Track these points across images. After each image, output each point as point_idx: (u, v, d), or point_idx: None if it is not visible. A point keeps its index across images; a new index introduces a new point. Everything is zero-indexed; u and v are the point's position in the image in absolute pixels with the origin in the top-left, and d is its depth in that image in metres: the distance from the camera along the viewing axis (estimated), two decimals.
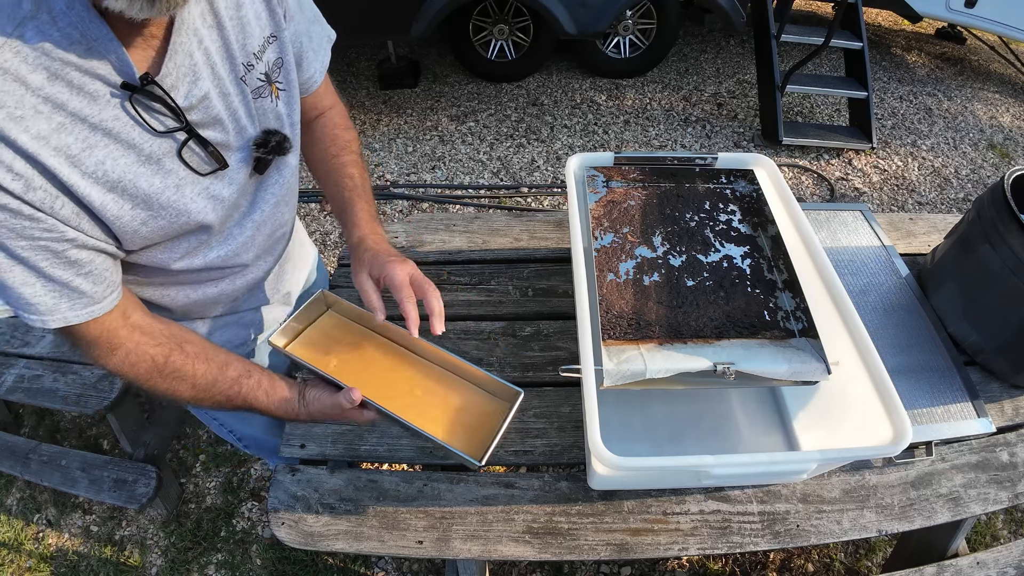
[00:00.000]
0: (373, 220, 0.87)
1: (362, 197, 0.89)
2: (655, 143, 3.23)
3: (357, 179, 0.90)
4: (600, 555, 0.88)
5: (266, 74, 0.72)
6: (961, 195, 2.96)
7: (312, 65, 0.84)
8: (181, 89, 0.62)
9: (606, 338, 0.85)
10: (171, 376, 0.72)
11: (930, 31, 4.50)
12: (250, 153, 0.74)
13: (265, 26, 0.71)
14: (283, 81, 0.76)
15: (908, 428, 0.72)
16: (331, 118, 0.95)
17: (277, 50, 0.73)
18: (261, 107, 0.73)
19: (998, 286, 1.01)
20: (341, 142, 0.93)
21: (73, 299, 0.62)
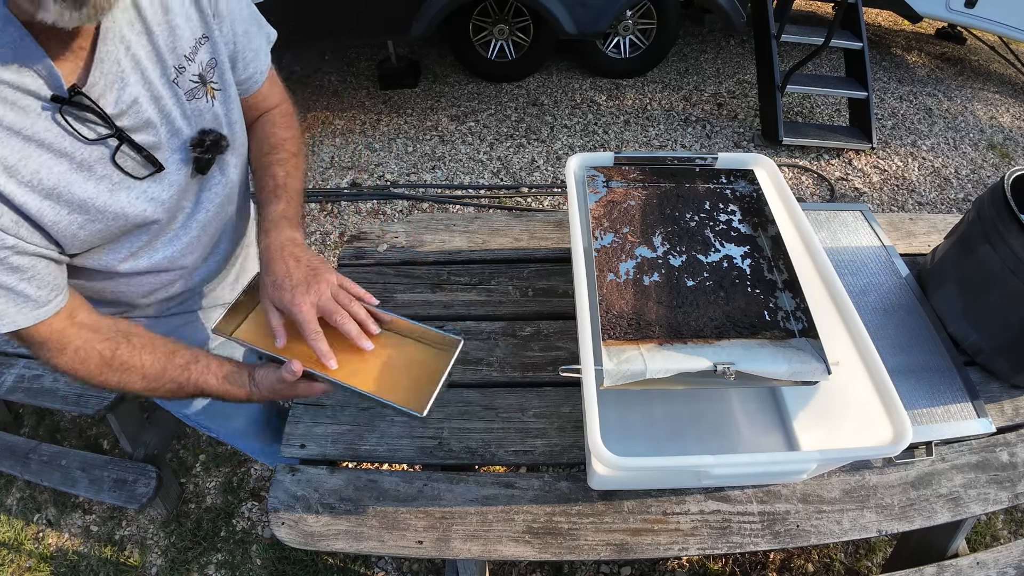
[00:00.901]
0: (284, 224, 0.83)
1: (280, 198, 0.85)
2: (655, 143, 3.23)
3: (280, 178, 0.87)
4: (600, 555, 0.88)
5: (200, 75, 0.73)
6: (961, 195, 2.96)
7: (250, 66, 0.84)
8: (110, 96, 0.64)
9: (606, 338, 0.85)
10: (120, 369, 0.74)
11: (930, 31, 4.50)
12: (188, 154, 0.75)
13: (196, 28, 0.72)
14: (218, 81, 0.77)
15: (908, 428, 0.72)
16: (270, 117, 0.93)
17: (209, 51, 0.74)
18: (196, 108, 0.74)
19: (998, 286, 1.01)
20: (274, 140, 0.91)
21: (19, 304, 0.64)
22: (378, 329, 0.80)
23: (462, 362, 1.11)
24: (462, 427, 1.02)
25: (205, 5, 0.72)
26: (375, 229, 1.41)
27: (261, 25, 0.85)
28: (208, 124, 0.77)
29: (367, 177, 3.04)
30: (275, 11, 2.97)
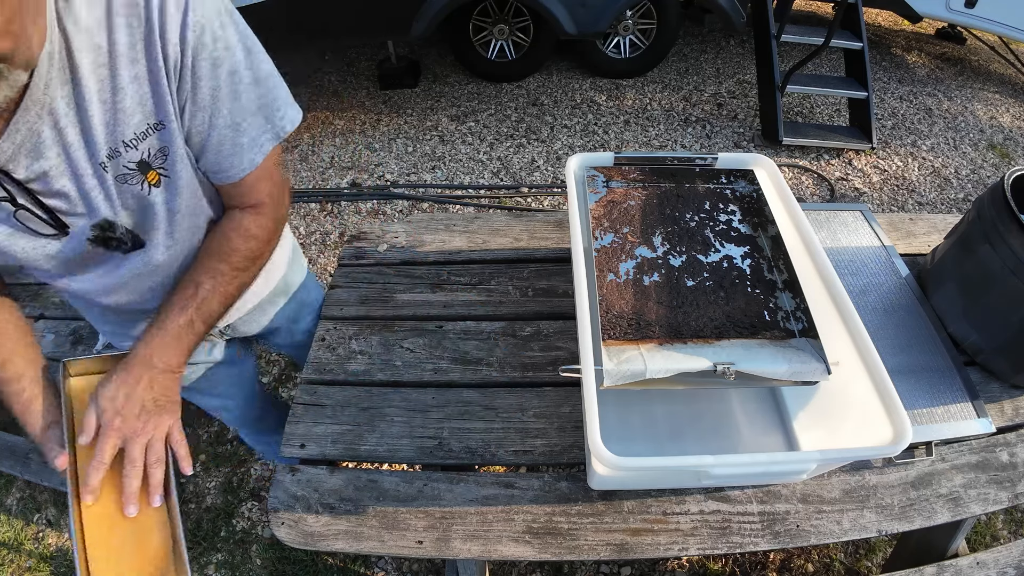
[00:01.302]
0: (172, 345, 0.79)
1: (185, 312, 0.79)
2: (655, 143, 3.23)
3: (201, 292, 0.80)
4: (600, 555, 0.88)
5: (141, 161, 0.70)
6: (961, 195, 2.96)
7: (227, 160, 0.76)
8: (21, 162, 0.63)
9: (606, 338, 0.85)
10: None
11: (930, 31, 4.50)
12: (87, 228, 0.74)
13: (149, 114, 0.68)
14: (168, 169, 0.73)
15: (908, 428, 0.72)
16: (237, 220, 0.83)
17: (162, 139, 0.70)
18: (127, 191, 0.72)
19: (998, 286, 1.01)
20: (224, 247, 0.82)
21: None
22: (159, 503, 0.76)
23: (462, 362, 1.12)
24: (462, 427, 1.02)
25: (170, 90, 0.67)
26: (375, 229, 1.41)
27: (269, 118, 0.76)
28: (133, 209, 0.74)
29: (367, 177, 3.04)
30: (276, 11, 2.99)
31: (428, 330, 1.17)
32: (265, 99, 0.75)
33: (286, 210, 0.88)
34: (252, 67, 0.72)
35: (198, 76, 0.67)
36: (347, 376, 1.10)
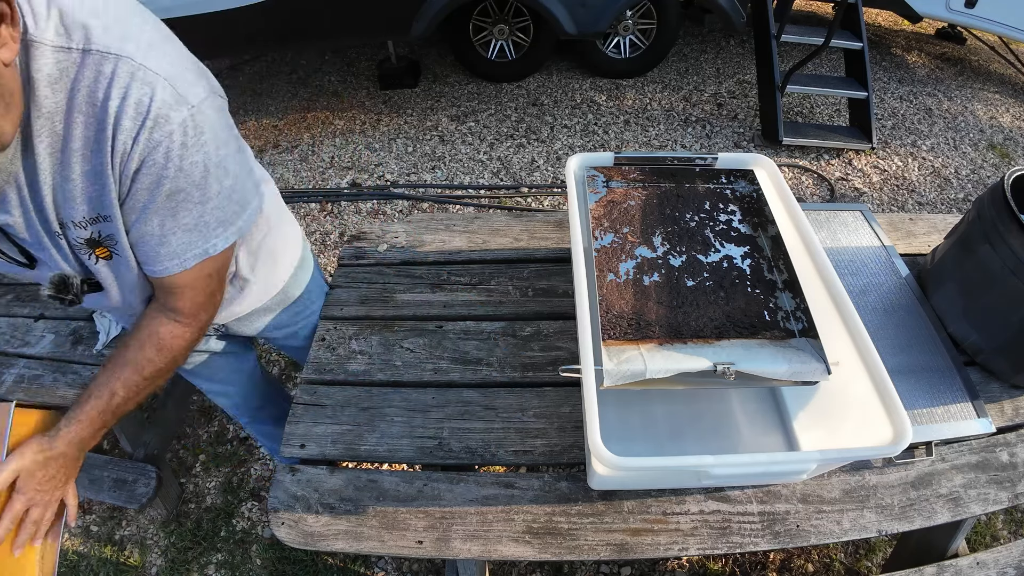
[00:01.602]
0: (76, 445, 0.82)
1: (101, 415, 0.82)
2: (655, 143, 3.23)
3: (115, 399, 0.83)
4: (600, 555, 0.88)
5: (91, 239, 0.73)
6: (961, 195, 2.96)
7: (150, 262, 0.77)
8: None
9: (606, 338, 0.85)
10: None
11: (930, 31, 4.50)
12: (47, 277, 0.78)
13: (95, 206, 0.69)
14: (115, 249, 0.75)
15: (908, 428, 0.72)
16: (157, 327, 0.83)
17: (108, 228, 0.72)
18: (78, 258, 0.77)
19: (998, 286, 1.01)
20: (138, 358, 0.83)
21: None
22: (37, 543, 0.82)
23: (462, 362, 1.12)
24: (462, 427, 1.02)
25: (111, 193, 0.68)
26: (375, 229, 1.41)
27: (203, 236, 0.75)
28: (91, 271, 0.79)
29: (367, 177, 3.04)
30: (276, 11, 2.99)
31: (428, 330, 1.17)
32: (205, 219, 0.74)
33: (210, 317, 0.88)
34: (203, 187, 0.71)
35: (136, 186, 0.68)
36: (347, 376, 1.10)
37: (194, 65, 0.72)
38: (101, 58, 0.61)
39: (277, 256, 1.07)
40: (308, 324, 1.22)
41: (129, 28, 0.64)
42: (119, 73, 0.62)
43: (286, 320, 1.17)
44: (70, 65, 0.61)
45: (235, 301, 1.04)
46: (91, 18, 0.62)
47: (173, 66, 0.66)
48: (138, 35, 0.64)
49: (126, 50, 0.62)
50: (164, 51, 0.66)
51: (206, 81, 0.72)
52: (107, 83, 0.62)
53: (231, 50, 3.59)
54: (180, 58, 0.69)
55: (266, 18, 2.95)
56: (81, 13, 0.61)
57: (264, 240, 1.01)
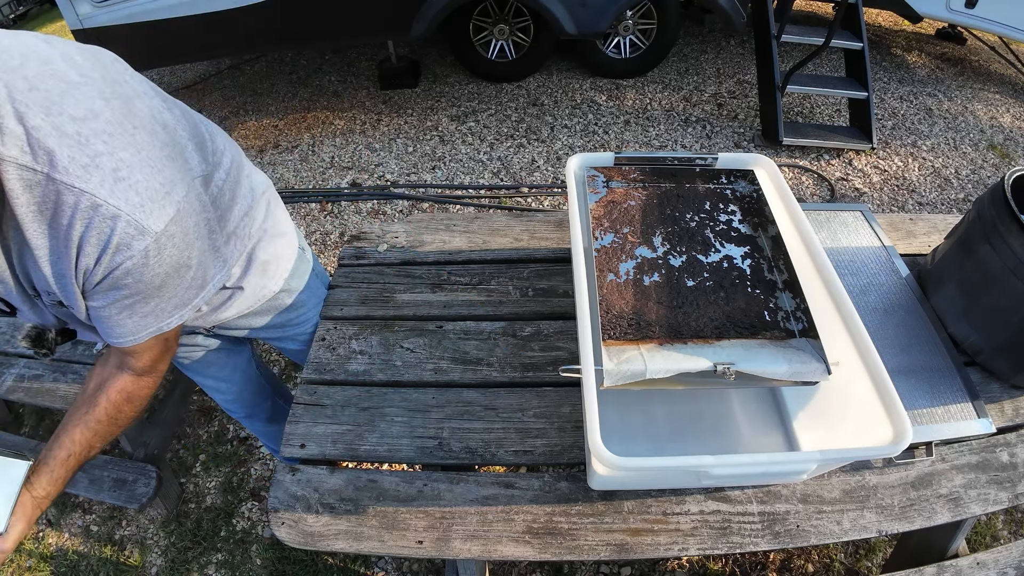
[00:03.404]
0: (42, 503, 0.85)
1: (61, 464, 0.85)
2: (655, 143, 3.23)
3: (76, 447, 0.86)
4: (600, 555, 0.88)
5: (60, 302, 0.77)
6: (961, 195, 2.96)
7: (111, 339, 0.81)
8: None
9: (606, 338, 0.85)
10: None
11: (930, 31, 4.50)
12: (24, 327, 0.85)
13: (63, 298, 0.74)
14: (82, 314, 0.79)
15: (908, 428, 0.72)
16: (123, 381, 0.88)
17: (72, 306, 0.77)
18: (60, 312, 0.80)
19: (998, 286, 1.01)
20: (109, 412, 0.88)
21: None
22: None
23: (462, 362, 1.12)
24: (462, 427, 1.02)
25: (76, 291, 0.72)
26: (375, 229, 1.41)
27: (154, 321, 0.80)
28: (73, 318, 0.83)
29: (367, 177, 3.05)
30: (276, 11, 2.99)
31: (428, 330, 1.17)
32: (161, 306, 0.78)
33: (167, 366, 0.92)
34: (161, 288, 0.75)
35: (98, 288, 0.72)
36: (347, 376, 1.10)
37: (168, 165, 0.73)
38: (65, 189, 0.63)
39: (268, 265, 1.06)
40: (303, 331, 1.21)
41: (97, 153, 0.65)
42: (81, 207, 0.64)
43: (278, 323, 1.17)
44: (35, 184, 0.63)
45: (223, 308, 1.04)
46: (57, 142, 0.62)
47: (139, 195, 0.67)
48: (106, 160, 0.65)
49: (90, 185, 0.64)
50: (131, 180, 0.67)
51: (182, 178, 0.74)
52: (70, 213, 0.64)
53: (231, 50, 3.59)
54: (149, 176, 0.69)
55: (266, 18, 2.95)
56: (48, 136, 0.62)
57: (256, 249, 1.01)
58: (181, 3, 2.84)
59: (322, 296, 1.25)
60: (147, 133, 0.71)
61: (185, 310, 0.82)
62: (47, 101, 0.63)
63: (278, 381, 1.55)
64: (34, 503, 0.83)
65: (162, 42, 3.02)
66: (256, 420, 1.46)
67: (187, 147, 0.79)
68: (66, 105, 0.64)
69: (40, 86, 0.63)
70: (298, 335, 1.21)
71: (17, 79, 0.62)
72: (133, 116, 0.71)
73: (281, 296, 1.12)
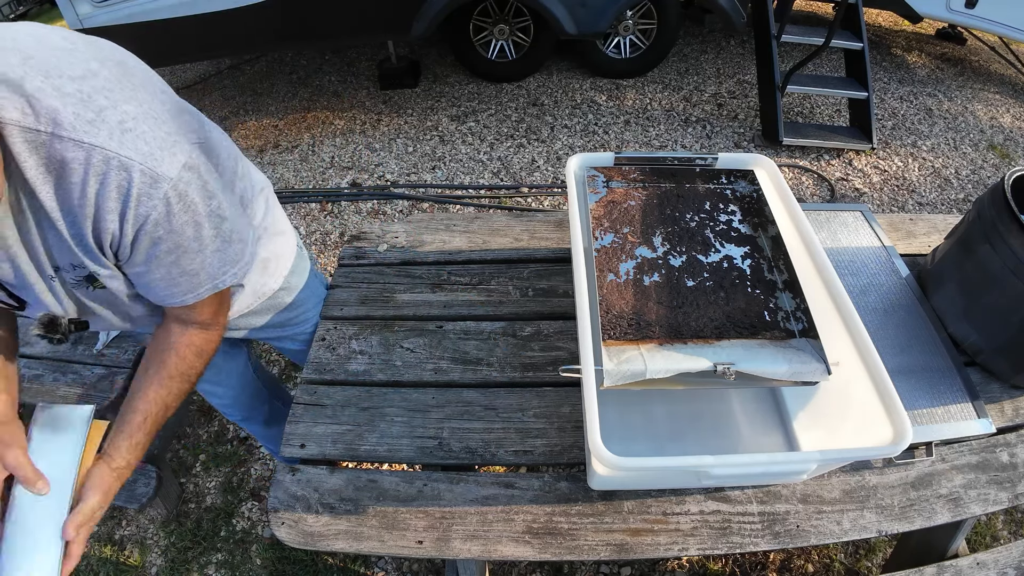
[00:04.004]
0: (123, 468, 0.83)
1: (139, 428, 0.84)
2: (655, 143, 3.23)
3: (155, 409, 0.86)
4: (600, 555, 0.88)
5: (89, 275, 0.75)
6: (961, 196, 2.96)
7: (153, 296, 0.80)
8: None
9: (606, 338, 0.85)
10: None
11: (930, 32, 4.50)
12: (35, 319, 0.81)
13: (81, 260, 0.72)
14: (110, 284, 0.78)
15: (908, 428, 0.72)
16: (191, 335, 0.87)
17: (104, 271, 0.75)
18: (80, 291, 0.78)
19: (998, 286, 1.01)
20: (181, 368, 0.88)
21: None
22: None
23: (462, 362, 1.12)
24: (462, 427, 1.02)
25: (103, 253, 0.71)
26: (375, 229, 1.41)
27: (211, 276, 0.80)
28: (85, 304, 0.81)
29: (367, 177, 3.04)
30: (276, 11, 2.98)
31: (428, 330, 1.17)
32: (208, 261, 0.78)
33: (226, 321, 0.93)
34: (199, 239, 0.74)
35: (136, 250, 0.71)
36: (347, 376, 1.10)
37: (170, 119, 0.72)
38: (74, 145, 0.62)
39: (268, 263, 1.06)
40: (303, 331, 1.21)
41: (101, 108, 0.64)
42: (94, 162, 0.63)
43: (277, 323, 1.17)
44: (40, 145, 0.62)
45: None
46: (60, 101, 0.62)
47: (148, 144, 0.67)
48: (110, 115, 0.65)
49: (99, 139, 0.63)
50: (137, 131, 0.66)
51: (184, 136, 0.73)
52: (82, 170, 0.63)
53: (231, 50, 3.59)
54: (154, 127, 0.68)
55: (266, 18, 2.95)
56: (49, 96, 0.62)
57: (255, 247, 1.01)
58: (181, 3, 2.84)
59: (321, 296, 1.25)
60: (147, 92, 0.71)
61: (236, 267, 0.82)
62: (44, 66, 0.63)
63: (277, 383, 1.54)
64: (113, 475, 0.80)
65: (162, 42, 3.02)
66: (253, 423, 1.46)
67: (187, 110, 0.79)
68: (63, 67, 0.64)
69: (35, 55, 0.63)
70: (298, 335, 1.21)
71: (10, 55, 0.62)
72: (131, 76, 0.71)
73: (281, 295, 1.12)
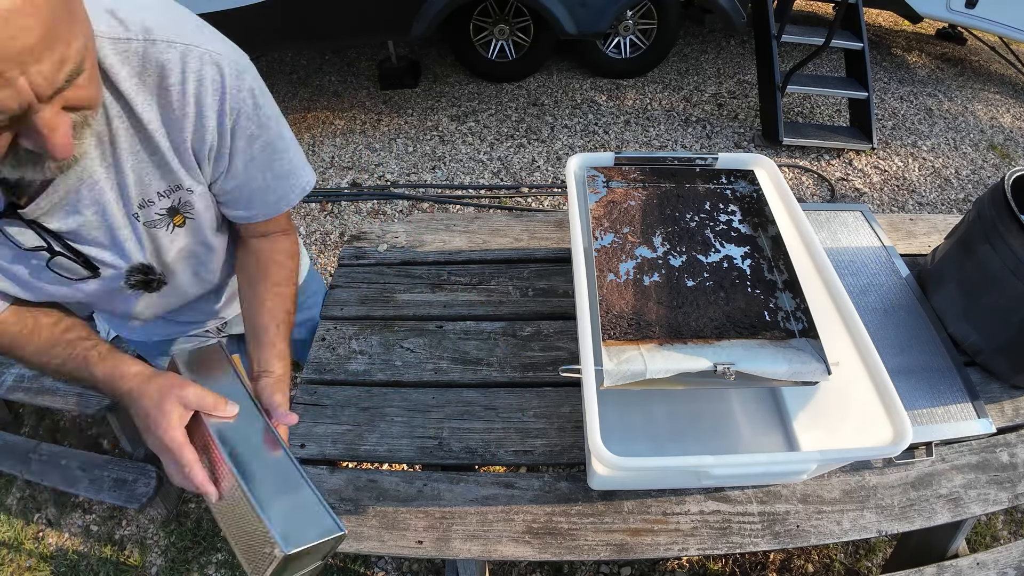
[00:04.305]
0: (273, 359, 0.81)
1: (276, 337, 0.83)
2: (655, 143, 3.23)
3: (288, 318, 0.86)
4: (600, 555, 0.88)
5: (171, 208, 0.75)
6: (961, 196, 2.96)
7: (254, 209, 0.83)
8: (56, 216, 0.67)
9: (606, 338, 0.85)
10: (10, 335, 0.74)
11: (930, 32, 4.50)
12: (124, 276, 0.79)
13: (176, 178, 0.73)
14: (193, 214, 0.79)
15: (908, 428, 0.72)
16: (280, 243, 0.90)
17: (188, 196, 0.76)
18: (154, 235, 0.77)
19: (998, 286, 1.01)
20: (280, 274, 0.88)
21: None
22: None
23: (462, 362, 1.11)
24: (462, 427, 1.02)
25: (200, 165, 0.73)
26: (375, 229, 1.41)
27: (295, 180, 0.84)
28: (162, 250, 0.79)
29: (367, 177, 3.04)
30: (276, 11, 2.98)
31: (428, 330, 1.17)
32: (293, 162, 0.83)
33: None
34: (281, 136, 0.79)
35: (234, 153, 0.74)
36: (347, 376, 1.10)
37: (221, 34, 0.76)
38: (168, 47, 0.64)
39: None
40: (308, 316, 1.23)
41: (176, 17, 0.68)
42: (190, 60, 0.66)
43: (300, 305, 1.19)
44: (132, 54, 0.63)
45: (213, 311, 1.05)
46: (143, 12, 0.64)
47: (223, 43, 0.71)
48: (185, 22, 0.68)
49: (189, 38, 0.66)
50: (210, 33, 0.70)
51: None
52: (180, 70, 0.65)
53: None
54: (216, 33, 0.72)
55: (266, 18, 2.95)
56: (134, 11, 0.64)
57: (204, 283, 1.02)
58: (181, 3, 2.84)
59: (321, 285, 1.27)
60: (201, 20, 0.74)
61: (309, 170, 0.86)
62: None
63: None
64: (279, 383, 0.77)
65: None
66: None
67: None
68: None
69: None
70: (304, 321, 1.22)
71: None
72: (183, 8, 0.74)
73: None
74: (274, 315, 0.83)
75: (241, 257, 0.91)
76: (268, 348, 0.80)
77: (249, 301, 0.86)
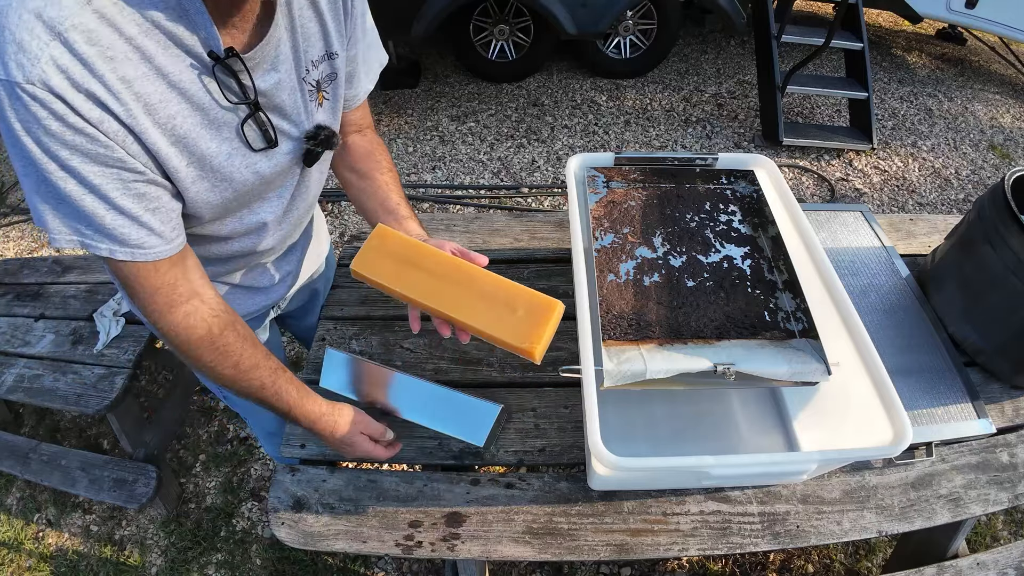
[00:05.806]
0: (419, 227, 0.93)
1: (411, 209, 0.95)
2: (655, 143, 3.23)
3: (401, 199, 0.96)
4: (600, 555, 0.88)
5: (317, 82, 0.78)
6: (961, 196, 2.96)
7: (360, 84, 0.91)
8: (259, 73, 0.68)
9: (606, 338, 0.85)
10: (220, 350, 0.74)
11: (930, 32, 4.50)
12: (300, 144, 0.80)
13: (331, 43, 0.77)
14: (330, 93, 0.81)
15: (908, 429, 0.72)
16: (371, 138, 1.00)
17: (332, 66, 0.79)
18: (312, 106, 0.79)
19: (998, 287, 1.01)
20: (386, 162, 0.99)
21: (141, 234, 0.63)
22: None
23: (462, 362, 1.11)
24: None
25: (342, 28, 0.78)
26: None
27: (379, 50, 0.92)
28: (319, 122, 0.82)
29: None
30: None
31: (428, 330, 1.17)
32: (375, 34, 0.90)
33: None
34: (367, 7, 0.85)
35: (354, 15, 0.80)
36: None
37: None
38: None
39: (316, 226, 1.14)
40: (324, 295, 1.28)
41: None
42: None
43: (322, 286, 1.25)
44: None
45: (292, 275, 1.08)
46: None
47: None
48: None
49: None
50: None
51: None
52: None
53: None
54: None
55: None
56: None
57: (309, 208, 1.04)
58: None
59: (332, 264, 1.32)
60: None
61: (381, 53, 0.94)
62: None
63: None
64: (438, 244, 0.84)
65: None
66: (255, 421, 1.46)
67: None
68: None
69: None
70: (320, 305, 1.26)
71: None
72: None
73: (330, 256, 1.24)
74: (400, 193, 0.95)
75: (348, 159, 0.98)
76: (411, 220, 0.91)
77: (373, 191, 0.95)
